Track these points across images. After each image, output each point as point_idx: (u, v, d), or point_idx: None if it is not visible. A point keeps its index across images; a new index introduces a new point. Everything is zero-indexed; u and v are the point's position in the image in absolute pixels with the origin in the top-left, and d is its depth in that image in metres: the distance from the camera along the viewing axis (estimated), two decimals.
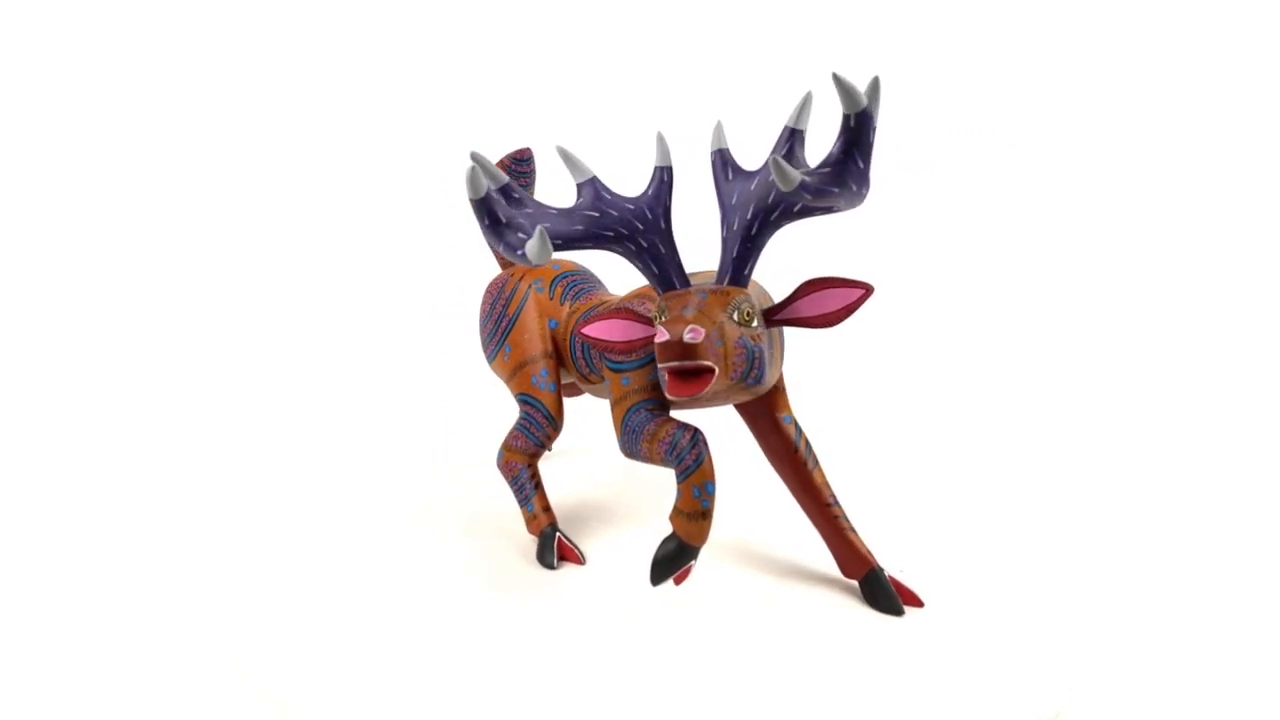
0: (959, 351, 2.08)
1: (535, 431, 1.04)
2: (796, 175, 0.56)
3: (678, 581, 0.77)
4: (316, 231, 2.40)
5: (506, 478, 1.08)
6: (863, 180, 0.62)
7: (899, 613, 0.84)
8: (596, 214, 0.76)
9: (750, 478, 1.11)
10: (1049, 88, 2.45)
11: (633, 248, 0.76)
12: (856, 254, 2.39)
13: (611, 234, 0.76)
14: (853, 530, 0.89)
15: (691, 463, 0.76)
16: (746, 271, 0.72)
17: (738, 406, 0.91)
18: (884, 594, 0.85)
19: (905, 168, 2.38)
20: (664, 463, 0.79)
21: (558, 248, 0.75)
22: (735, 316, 0.66)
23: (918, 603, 0.85)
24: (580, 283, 1.07)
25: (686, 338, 0.60)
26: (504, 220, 0.72)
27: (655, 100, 2.26)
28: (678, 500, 0.76)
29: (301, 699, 0.75)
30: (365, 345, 2.22)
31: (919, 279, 2.38)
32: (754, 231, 0.70)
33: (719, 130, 0.78)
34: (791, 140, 0.73)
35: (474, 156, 0.74)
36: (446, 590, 0.96)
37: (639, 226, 0.76)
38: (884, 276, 2.38)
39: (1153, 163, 2.39)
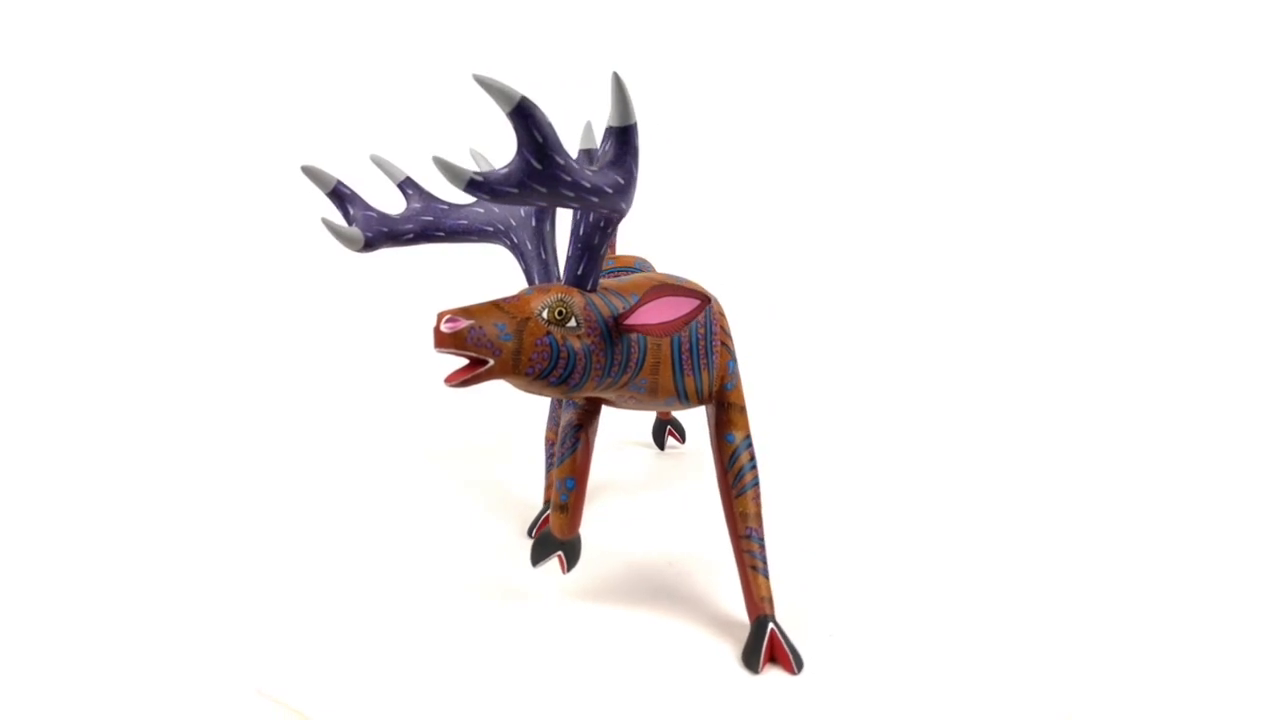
0: (955, 354, 2.03)
1: (553, 414, 1.15)
2: (466, 172, 0.54)
3: (563, 569, 0.86)
4: (316, 231, 2.50)
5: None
6: (551, 181, 0.59)
7: (754, 670, 0.78)
8: (481, 210, 0.83)
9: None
10: (1036, 89, 2.32)
11: (507, 243, 0.82)
12: (855, 256, 2.37)
13: (491, 229, 0.82)
14: (758, 570, 0.83)
15: (561, 454, 0.84)
16: (580, 271, 0.72)
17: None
18: (752, 646, 0.80)
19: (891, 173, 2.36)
20: None
21: (440, 239, 0.82)
22: (545, 314, 0.67)
23: (789, 669, 0.79)
24: (608, 276, 1.09)
25: (443, 328, 0.62)
26: (352, 211, 0.78)
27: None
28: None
29: (302, 699, 0.76)
30: (365, 345, 2.17)
31: (913, 281, 2.33)
32: (582, 232, 0.71)
33: (588, 130, 0.78)
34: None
35: (374, 159, 0.83)
36: (446, 590, 0.97)
37: (512, 223, 0.81)
38: (879, 278, 2.36)
39: (1138, 166, 2.25)
